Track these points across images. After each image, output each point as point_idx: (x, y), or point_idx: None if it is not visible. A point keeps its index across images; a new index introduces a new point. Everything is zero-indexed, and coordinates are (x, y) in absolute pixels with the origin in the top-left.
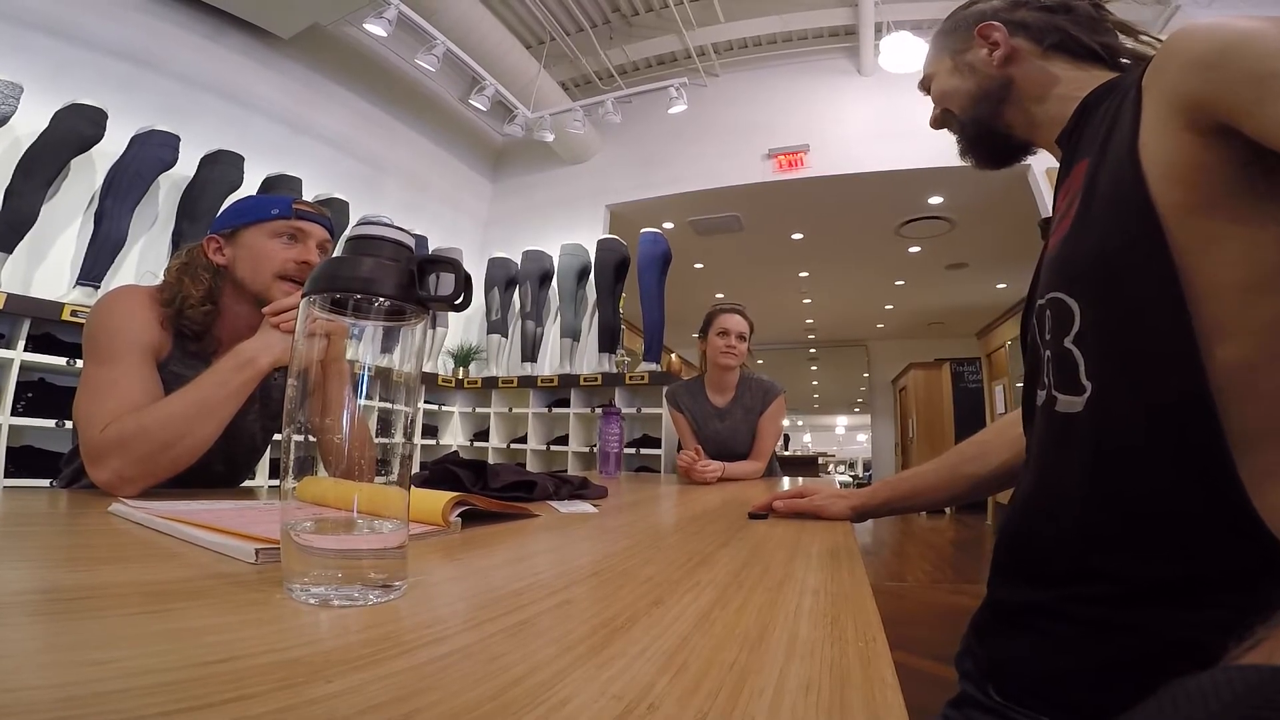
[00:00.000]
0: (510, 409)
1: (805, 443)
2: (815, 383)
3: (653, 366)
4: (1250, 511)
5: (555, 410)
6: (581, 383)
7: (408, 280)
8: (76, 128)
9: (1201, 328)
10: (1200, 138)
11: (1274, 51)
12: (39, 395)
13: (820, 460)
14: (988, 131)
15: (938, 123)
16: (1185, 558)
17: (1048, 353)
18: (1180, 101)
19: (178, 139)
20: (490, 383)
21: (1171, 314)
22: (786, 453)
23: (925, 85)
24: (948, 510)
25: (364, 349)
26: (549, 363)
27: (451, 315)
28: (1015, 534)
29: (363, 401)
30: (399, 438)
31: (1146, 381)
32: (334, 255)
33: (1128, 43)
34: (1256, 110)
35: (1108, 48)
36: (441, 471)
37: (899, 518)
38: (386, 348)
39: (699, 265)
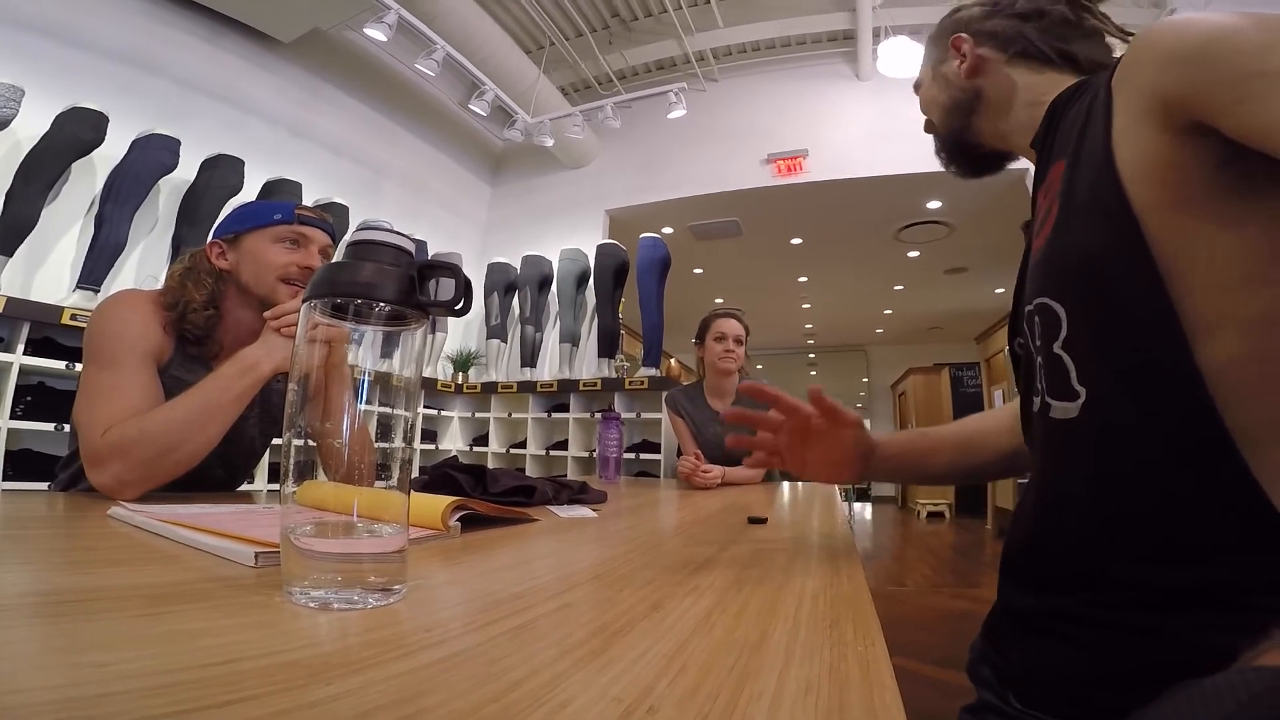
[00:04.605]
0: (510, 414)
1: None
2: None
3: (652, 371)
4: (1270, 512)
5: (555, 415)
6: (581, 388)
7: (408, 285)
8: (77, 131)
9: (1189, 325)
10: (1175, 136)
11: (1253, 49)
12: (38, 399)
13: None
14: (960, 143)
15: (927, 128)
16: (1205, 561)
17: (1040, 359)
18: (1154, 99)
19: (178, 143)
20: (489, 388)
21: (1157, 313)
22: None
23: (918, 90)
24: (947, 514)
25: (364, 354)
26: (548, 368)
27: (451, 320)
28: (1027, 541)
29: (363, 406)
30: (399, 442)
31: (1139, 383)
32: (335, 260)
33: (1116, 50)
34: (1237, 110)
35: (1073, 55)
36: (441, 476)
37: (899, 522)
38: (386, 353)
39: (698, 270)
